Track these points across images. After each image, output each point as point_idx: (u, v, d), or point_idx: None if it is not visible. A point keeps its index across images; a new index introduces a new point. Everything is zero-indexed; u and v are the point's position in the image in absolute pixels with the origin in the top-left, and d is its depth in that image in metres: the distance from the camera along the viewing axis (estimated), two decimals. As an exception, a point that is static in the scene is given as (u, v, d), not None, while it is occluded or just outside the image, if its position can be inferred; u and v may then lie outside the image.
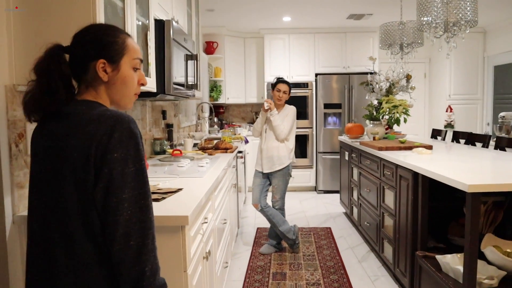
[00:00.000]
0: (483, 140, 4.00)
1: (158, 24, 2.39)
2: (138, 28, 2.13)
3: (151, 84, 2.28)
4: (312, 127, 6.40)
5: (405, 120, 4.43)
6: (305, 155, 6.41)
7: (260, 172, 3.81)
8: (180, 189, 1.96)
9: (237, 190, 4.20)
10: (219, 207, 2.64)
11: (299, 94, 6.24)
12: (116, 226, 0.96)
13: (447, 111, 6.42)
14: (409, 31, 4.03)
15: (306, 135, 6.37)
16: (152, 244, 1.00)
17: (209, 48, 6.27)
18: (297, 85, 6.23)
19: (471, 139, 4.22)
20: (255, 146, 5.81)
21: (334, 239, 4.20)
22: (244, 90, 6.77)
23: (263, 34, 6.42)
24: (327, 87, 6.28)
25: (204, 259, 1.96)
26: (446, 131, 4.83)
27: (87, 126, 1.00)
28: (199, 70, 3.15)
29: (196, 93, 3.26)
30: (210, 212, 2.22)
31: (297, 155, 5.99)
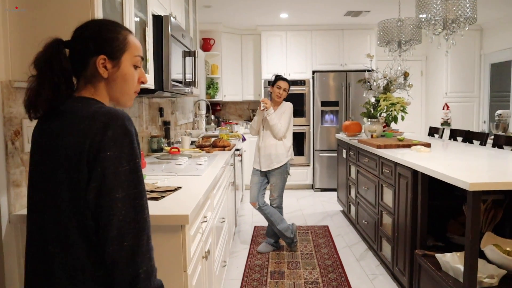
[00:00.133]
0: (481, 138, 4.00)
1: (156, 19, 2.35)
2: (136, 24, 2.10)
3: (149, 80, 2.24)
4: (309, 125, 6.38)
5: (402, 118, 4.43)
6: (302, 153, 6.39)
7: (258, 170, 3.79)
8: (179, 187, 1.93)
9: (234, 188, 4.18)
10: (218, 205, 2.62)
11: (296, 92, 6.21)
12: (109, 226, 0.94)
13: (443, 109, 6.42)
14: (407, 28, 4.02)
15: (303, 132, 6.35)
16: (147, 246, 0.97)
17: (205, 45, 6.24)
18: (294, 82, 6.21)
19: (468, 137, 4.22)
20: (252, 144, 5.78)
21: (331, 237, 4.19)
22: (241, 87, 6.74)
23: (260, 31, 6.39)
24: (324, 84, 6.27)
25: (204, 259, 1.94)
26: (444, 129, 4.83)
27: (81, 123, 0.97)
28: (197, 67, 3.12)
29: (194, 90, 3.23)
30: (209, 210, 2.19)
31: (294, 153, 5.98)
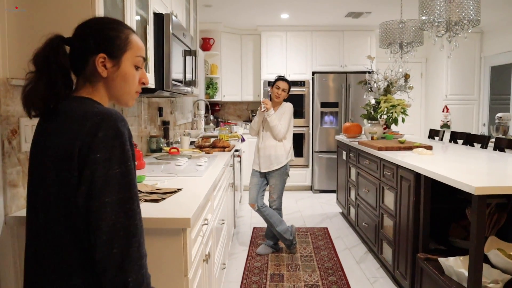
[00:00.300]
0: (482, 141, 3.97)
1: (157, 18, 2.31)
2: (137, 22, 2.06)
3: (150, 79, 2.20)
4: (308, 126, 6.35)
5: (403, 120, 4.40)
6: (301, 154, 6.36)
7: (257, 171, 3.75)
8: (179, 189, 1.89)
9: (233, 189, 4.14)
10: (218, 207, 2.58)
11: (296, 93, 6.18)
12: (98, 232, 0.90)
13: (443, 111, 6.40)
14: (409, 30, 3.99)
15: (302, 134, 6.32)
16: (137, 253, 0.93)
17: (205, 44, 6.20)
18: (294, 83, 6.15)
19: (469, 139, 4.19)
20: (251, 145, 5.75)
21: (331, 239, 4.16)
22: (240, 87, 6.70)
23: (260, 31, 6.35)
24: (324, 85, 6.24)
25: (204, 262, 1.90)
26: (444, 131, 4.81)
27: (72, 124, 0.94)
28: (198, 66, 3.08)
29: (194, 90, 3.19)
30: (210, 212, 2.15)
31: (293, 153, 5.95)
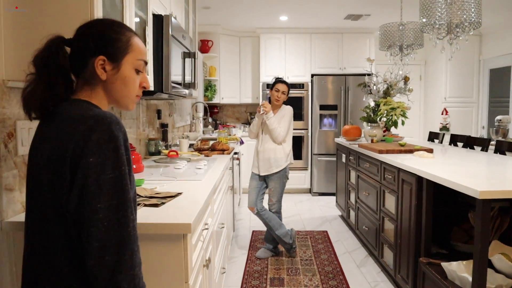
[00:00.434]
0: (482, 143, 3.95)
1: (157, 19, 2.28)
2: (137, 24, 2.03)
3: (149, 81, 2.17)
4: (307, 129, 6.32)
5: (403, 123, 4.38)
6: (300, 157, 6.33)
7: (256, 174, 3.72)
8: (179, 193, 1.85)
9: (233, 192, 4.10)
10: (218, 211, 2.55)
11: (295, 95, 6.15)
12: (90, 239, 0.87)
13: (442, 114, 6.39)
14: (409, 32, 3.97)
15: (301, 136, 6.29)
16: (130, 261, 0.90)
17: (204, 46, 6.17)
18: (292, 85, 6.07)
19: (469, 142, 4.17)
20: (250, 147, 5.72)
21: (331, 243, 4.13)
22: (239, 90, 6.68)
23: (259, 33, 6.33)
24: (323, 88, 6.21)
25: (204, 267, 1.86)
26: (444, 134, 4.79)
27: (67, 127, 0.92)
28: (197, 68, 3.05)
29: (193, 92, 3.16)
30: (210, 217, 2.12)
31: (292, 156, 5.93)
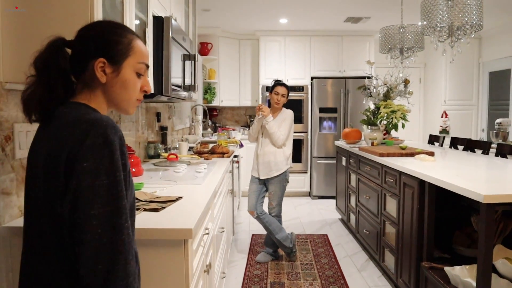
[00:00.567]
0: (483, 147, 3.93)
1: (157, 21, 2.26)
2: (137, 25, 2.00)
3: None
4: (307, 132, 6.30)
5: (403, 126, 4.36)
6: (299, 160, 6.31)
7: (256, 178, 3.69)
8: (180, 197, 1.83)
9: (232, 196, 4.08)
10: (218, 215, 2.52)
11: (295, 98, 6.13)
12: (82, 246, 0.85)
13: (442, 117, 6.37)
14: (409, 35, 3.95)
15: (301, 139, 6.27)
16: (124, 271, 0.87)
17: (203, 49, 6.15)
18: (292, 88, 6.06)
19: (470, 145, 4.15)
20: (249, 150, 5.69)
21: (331, 246, 4.10)
22: (239, 92, 6.65)
23: (259, 36, 6.31)
24: (322, 91, 6.20)
25: (205, 273, 1.83)
26: (444, 137, 4.77)
27: (63, 130, 0.90)
28: (197, 71, 3.02)
29: (193, 95, 3.14)
30: (210, 221, 2.09)
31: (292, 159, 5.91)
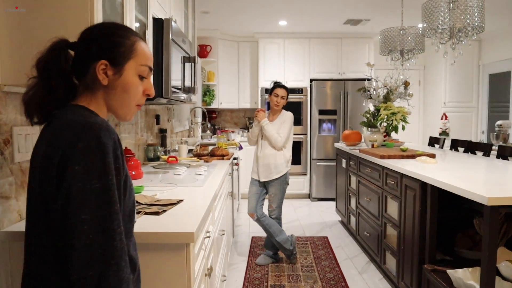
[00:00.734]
0: (484, 149, 3.92)
1: (157, 23, 2.24)
2: (137, 27, 1.99)
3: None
4: (306, 134, 6.28)
5: (403, 128, 4.35)
6: (299, 162, 6.29)
7: (256, 180, 3.67)
8: (180, 200, 1.81)
9: (232, 198, 4.05)
10: (218, 217, 2.50)
11: (294, 100, 6.12)
12: (73, 251, 0.83)
13: (442, 119, 6.37)
14: (410, 37, 3.94)
15: (300, 141, 6.26)
16: (115, 278, 0.85)
17: (202, 51, 6.13)
18: (291, 90, 5.99)
19: (471, 147, 4.14)
20: (249, 152, 5.67)
21: (331, 249, 4.08)
22: (238, 95, 6.64)
23: (258, 38, 6.30)
24: (322, 93, 6.18)
25: (206, 276, 1.81)
26: (444, 139, 4.76)
27: (57, 133, 0.89)
28: (197, 73, 3.01)
29: (192, 97, 3.12)
30: (211, 224, 2.07)
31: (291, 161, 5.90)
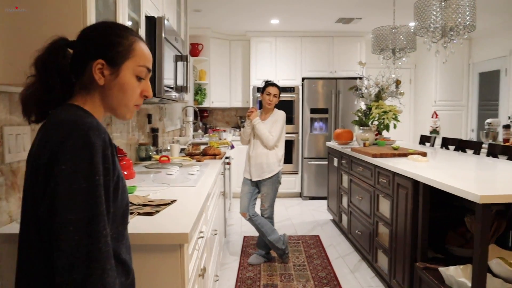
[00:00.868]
0: (474, 147, 3.96)
1: (149, 21, 2.22)
2: (129, 26, 1.97)
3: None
4: (298, 132, 6.29)
5: (395, 126, 4.37)
6: (290, 161, 6.29)
7: (248, 179, 3.67)
8: (174, 200, 1.79)
9: (224, 197, 4.04)
10: (211, 217, 2.49)
11: (285, 99, 6.12)
12: (58, 253, 0.81)
13: (432, 117, 6.42)
14: (402, 35, 3.96)
15: (292, 140, 6.26)
16: (100, 282, 0.83)
17: (194, 50, 6.10)
18: (283, 89, 6.08)
19: (461, 145, 4.18)
20: (240, 152, 5.67)
21: (323, 247, 4.09)
22: (229, 94, 6.62)
23: (250, 37, 6.29)
24: (313, 91, 6.19)
25: (200, 277, 1.80)
26: (435, 137, 4.80)
27: (47, 132, 0.88)
28: (190, 72, 2.99)
29: (185, 96, 3.10)
30: (204, 224, 2.06)
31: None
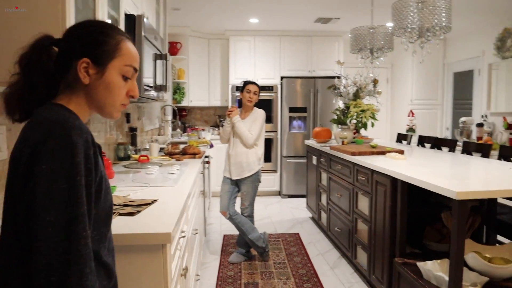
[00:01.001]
0: (449, 144, 4.07)
1: (129, 19, 2.19)
2: (107, 23, 1.94)
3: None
4: (276, 131, 6.32)
5: (372, 125, 4.44)
6: (269, 159, 6.31)
7: (228, 178, 3.66)
8: (155, 200, 1.78)
9: (204, 197, 4.03)
10: (192, 217, 2.47)
11: (264, 98, 6.12)
12: (37, 254, 0.79)
13: (409, 116, 6.55)
14: (380, 35, 4.02)
15: (271, 139, 6.28)
16: (78, 285, 0.81)
17: (172, 48, 6.04)
18: (262, 88, 6.00)
19: (437, 143, 4.28)
20: (220, 151, 5.65)
21: (303, 245, 4.12)
22: (208, 92, 6.59)
23: (229, 36, 6.27)
24: (292, 90, 6.23)
25: (182, 277, 1.79)
26: (412, 136, 4.90)
27: (27, 131, 0.87)
28: (169, 71, 2.96)
29: (164, 95, 3.07)
30: (185, 224, 2.05)
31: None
